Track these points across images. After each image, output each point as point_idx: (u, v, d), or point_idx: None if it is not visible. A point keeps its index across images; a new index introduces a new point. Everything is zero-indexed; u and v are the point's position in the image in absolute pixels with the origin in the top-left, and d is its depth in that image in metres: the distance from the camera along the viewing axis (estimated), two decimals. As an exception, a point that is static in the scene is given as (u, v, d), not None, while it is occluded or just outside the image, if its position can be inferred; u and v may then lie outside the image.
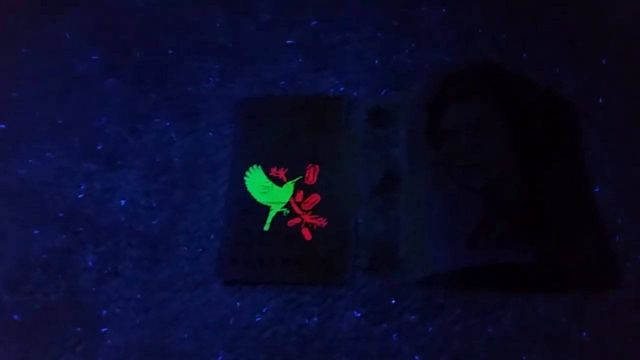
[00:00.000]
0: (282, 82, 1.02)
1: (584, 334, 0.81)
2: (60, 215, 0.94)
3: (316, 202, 0.91)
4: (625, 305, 0.82)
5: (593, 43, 1.00)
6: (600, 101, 0.95)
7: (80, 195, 0.96)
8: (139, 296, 0.88)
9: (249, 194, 0.93)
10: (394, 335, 0.83)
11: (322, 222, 0.90)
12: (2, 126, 1.03)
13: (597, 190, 0.89)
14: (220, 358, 0.83)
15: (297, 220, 0.90)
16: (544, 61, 0.99)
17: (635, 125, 0.94)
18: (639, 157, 0.91)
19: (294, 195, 0.92)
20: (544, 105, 0.94)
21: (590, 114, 0.95)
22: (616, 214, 0.88)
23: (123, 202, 0.95)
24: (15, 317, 0.88)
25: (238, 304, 0.86)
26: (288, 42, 1.05)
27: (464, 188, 0.83)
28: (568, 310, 0.82)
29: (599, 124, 0.94)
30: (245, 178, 0.94)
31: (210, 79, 1.03)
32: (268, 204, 0.92)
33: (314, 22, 1.06)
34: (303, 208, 0.91)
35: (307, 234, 0.89)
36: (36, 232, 0.94)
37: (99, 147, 0.99)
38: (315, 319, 0.84)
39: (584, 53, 0.99)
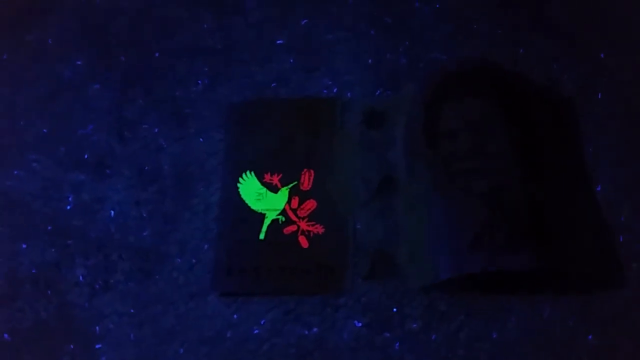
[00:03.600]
0: (273, 84, 0.99)
1: (590, 337, 0.79)
2: (49, 228, 0.92)
3: (312, 209, 0.89)
4: (631, 306, 0.81)
5: (591, 37, 0.97)
6: (599, 96, 0.93)
7: (69, 207, 0.93)
8: (132, 310, 0.85)
9: (242, 201, 0.91)
10: (397, 344, 0.81)
11: (319, 229, 0.87)
12: (-15, 137, 0.99)
13: (598, 189, 0.87)
14: (218, 373, 0.81)
15: (293, 228, 0.88)
16: (541, 57, 0.96)
17: (635, 120, 0.92)
18: (640, 154, 0.89)
19: (289, 202, 0.90)
20: (542, 102, 0.91)
21: (590, 110, 0.92)
22: (619, 213, 0.86)
23: (112, 212, 0.92)
24: (5, 336, 0.85)
25: (235, 316, 0.84)
26: (278, 42, 1.02)
27: (465, 192, 0.80)
28: (573, 314, 0.80)
29: (599, 120, 0.92)
30: (239, 185, 0.91)
31: (199, 82, 1.00)
32: (263, 212, 0.90)
33: (304, 21, 1.03)
34: (299, 215, 0.89)
35: (304, 242, 0.87)
36: (24, 246, 0.91)
37: (86, 156, 0.96)
38: (315, 329, 0.82)
39: (582, 48, 0.97)
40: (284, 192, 0.90)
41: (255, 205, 0.90)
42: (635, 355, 0.79)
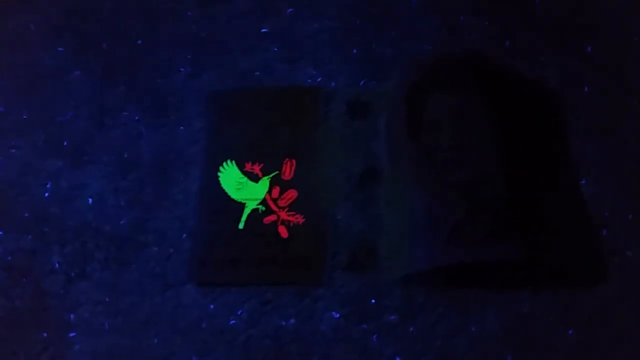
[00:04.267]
0: (257, 73, 0.98)
1: (570, 331, 0.78)
2: (26, 214, 0.90)
3: (293, 198, 0.88)
4: (612, 300, 0.80)
5: (577, 31, 0.96)
6: (585, 90, 0.92)
7: (46, 194, 0.92)
8: (107, 299, 0.84)
9: (222, 190, 0.89)
10: (374, 336, 0.80)
11: (299, 219, 0.86)
12: (-36, 122, 0.98)
13: (582, 182, 0.86)
14: (192, 363, 0.79)
15: (273, 218, 0.87)
16: (527, 50, 0.95)
17: (620, 114, 0.91)
18: (625, 149, 0.88)
19: (269, 192, 0.89)
20: (527, 95, 0.90)
21: (575, 103, 0.91)
22: (602, 207, 0.85)
23: (90, 200, 0.91)
24: (-23, 323, 0.84)
25: (211, 306, 0.83)
26: (263, 30, 1.01)
27: (446, 183, 0.79)
28: (554, 308, 0.79)
29: (584, 114, 0.91)
30: (219, 174, 0.90)
31: (182, 69, 0.99)
32: (243, 201, 0.88)
33: (289, 10, 1.02)
34: (279, 205, 0.88)
35: (283, 232, 0.86)
36: (0, 233, 0.89)
37: (65, 143, 0.95)
38: (292, 320, 0.81)
39: (568, 41, 0.96)
40: (265, 182, 0.89)
41: (235, 195, 0.89)
42: (615, 350, 0.78)
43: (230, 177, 0.90)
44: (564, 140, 0.89)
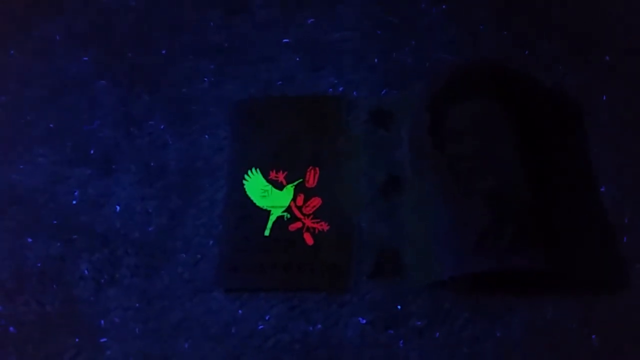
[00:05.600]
0: (279, 82, 0.99)
1: (593, 337, 0.80)
2: (54, 222, 0.92)
3: (317, 206, 0.89)
4: (635, 307, 0.81)
5: (596, 39, 0.98)
6: (604, 98, 0.94)
7: (74, 202, 0.93)
8: (137, 305, 0.86)
9: (248, 198, 0.91)
10: (401, 341, 0.81)
11: (324, 226, 0.88)
12: (-8, 131, 1.00)
13: (602, 189, 0.88)
14: (222, 368, 0.81)
15: (298, 225, 0.88)
16: (546, 58, 0.97)
17: (638, 122, 0.92)
18: (644, 156, 0.90)
19: (294, 199, 0.90)
20: (547, 104, 0.92)
21: (594, 111, 0.93)
22: (623, 214, 0.86)
23: (118, 208, 0.92)
24: (11, 329, 0.85)
25: (240, 312, 0.84)
26: (285, 40, 1.03)
27: (471, 191, 0.81)
28: (577, 314, 0.81)
29: (603, 122, 0.92)
30: (244, 182, 0.92)
31: (205, 79, 1.01)
32: (268, 208, 0.90)
33: (311, 20, 1.04)
34: (304, 212, 0.89)
35: (309, 239, 0.87)
36: (30, 240, 0.91)
37: (92, 152, 0.97)
38: (319, 326, 0.83)
39: (587, 50, 0.97)
40: (289, 190, 0.91)
41: (260, 202, 0.90)
42: (638, 357, 0.79)
43: (255, 185, 0.92)
44: (584, 149, 0.90)
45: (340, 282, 0.84)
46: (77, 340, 0.84)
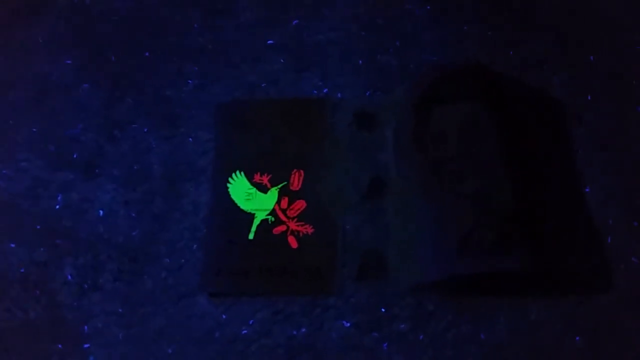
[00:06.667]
0: (263, 84, 0.99)
1: (578, 338, 0.80)
2: (38, 227, 0.91)
3: (302, 209, 0.89)
4: (619, 308, 0.81)
5: (580, 39, 0.98)
6: (589, 98, 0.94)
7: (58, 206, 0.93)
8: (120, 310, 0.85)
9: (232, 201, 0.90)
10: (385, 344, 0.81)
11: (308, 229, 0.87)
12: (-26, 136, 0.99)
13: (587, 190, 0.88)
14: (206, 373, 0.81)
15: (282, 228, 0.88)
16: (531, 59, 0.97)
17: (624, 123, 0.92)
18: (629, 156, 0.90)
19: (278, 202, 0.90)
20: (532, 105, 0.92)
21: (579, 112, 0.93)
22: (607, 215, 0.86)
23: (102, 212, 0.91)
24: (-8, 336, 0.85)
25: (223, 316, 0.84)
26: (269, 42, 1.02)
27: (454, 194, 0.80)
28: (561, 316, 0.81)
29: (588, 123, 0.92)
30: (228, 185, 0.91)
31: (189, 82, 1.00)
32: (252, 212, 0.89)
33: (295, 22, 1.03)
34: (288, 215, 0.89)
35: (293, 242, 0.87)
36: (12, 245, 0.90)
37: (75, 156, 0.96)
38: (303, 329, 0.82)
39: (572, 50, 0.97)
40: (274, 192, 0.90)
41: (244, 205, 0.90)
42: (622, 356, 0.79)
43: (240, 188, 0.91)
44: (568, 149, 0.90)
45: (324, 285, 0.84)
46: (60, 346, 0.84)
